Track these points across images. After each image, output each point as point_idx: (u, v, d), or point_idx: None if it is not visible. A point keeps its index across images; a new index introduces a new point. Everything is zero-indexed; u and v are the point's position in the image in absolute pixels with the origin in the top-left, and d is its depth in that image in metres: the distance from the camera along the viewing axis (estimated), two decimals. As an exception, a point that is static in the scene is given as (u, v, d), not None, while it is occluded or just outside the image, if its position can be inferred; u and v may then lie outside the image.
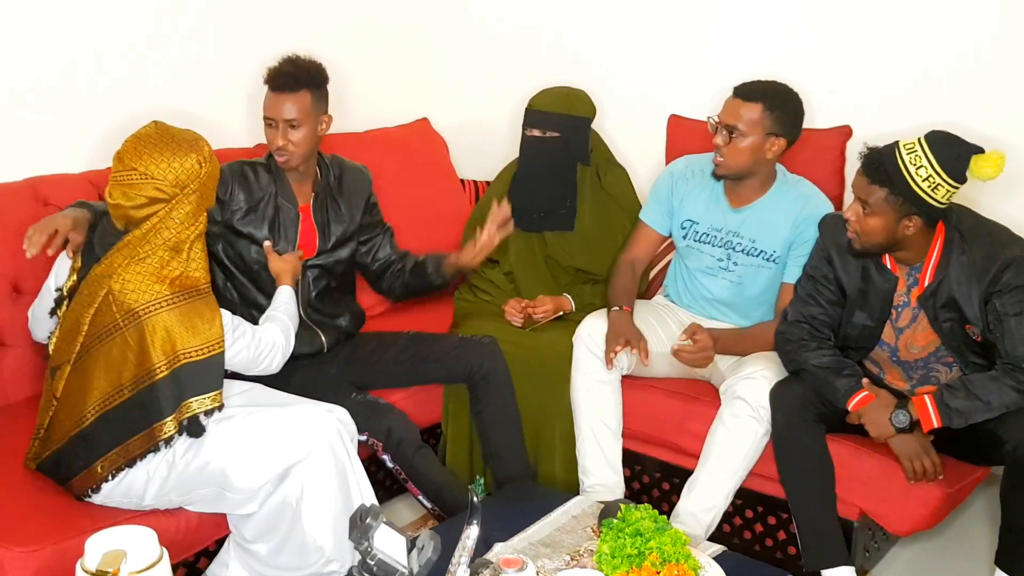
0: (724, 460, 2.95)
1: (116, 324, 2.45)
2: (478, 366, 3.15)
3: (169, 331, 2.44)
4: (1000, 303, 2.66)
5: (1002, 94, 3.29)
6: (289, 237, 3.05)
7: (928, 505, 2.78)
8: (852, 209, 2.74)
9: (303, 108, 2.95)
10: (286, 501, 2.56)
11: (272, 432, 2.56)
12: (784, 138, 3.06)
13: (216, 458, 2.52)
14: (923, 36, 3.41)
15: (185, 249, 2.51)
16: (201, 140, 2.55)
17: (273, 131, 2.96)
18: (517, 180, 3.53)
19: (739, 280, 3.21)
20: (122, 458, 2.49)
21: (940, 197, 2.63)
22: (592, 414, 3.12)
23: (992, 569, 2.78)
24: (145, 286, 2.44)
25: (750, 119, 3.02)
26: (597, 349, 3.10)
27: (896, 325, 2.84)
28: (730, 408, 2.95)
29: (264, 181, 3.03)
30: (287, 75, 2.94)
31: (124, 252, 2.48)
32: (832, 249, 2.88)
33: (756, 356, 3.06)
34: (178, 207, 2.48)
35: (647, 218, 3.38)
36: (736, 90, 3.08)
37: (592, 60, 4.03)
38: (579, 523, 2.60)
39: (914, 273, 2.79)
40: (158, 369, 2.44)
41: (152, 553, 1.97)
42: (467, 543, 2.15)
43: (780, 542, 3.02)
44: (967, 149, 2.64)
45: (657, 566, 2.19)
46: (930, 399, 2.69)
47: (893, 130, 2.89)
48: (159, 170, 2.44)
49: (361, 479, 2.66)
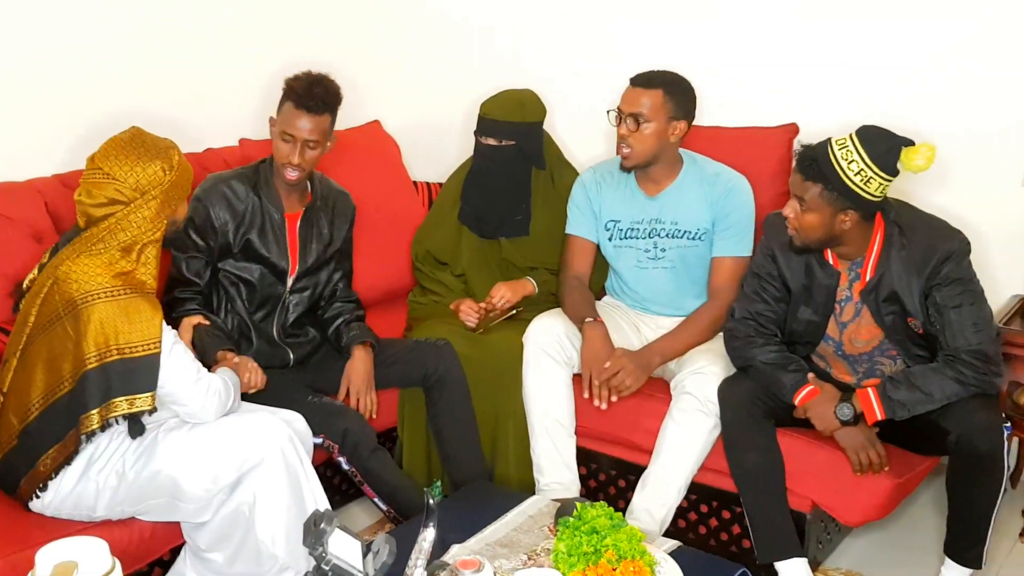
0: (675, 455, 2.97)
1: (58, 314, 2.43)
2: (433, 370, 3.15)
3: (104, 323, 2.40)
4: (940, 296, 2.71)
5: (939, 90, 3.36)
6: (280, 243, 3.04)
7: (878, 496, 2.82)
8: (790, 206, 2.78)
9: (324, 131, 2.96)
10: (239, 509, 2.55)
11: (223, 440, 2.54)
12: (684, 120, 3.16)
13: (167, 467, 2.50)
14: (866, 35, 3.46)
15: (136, 250, 2.49)
16: (172, 149, 2.54)
17: (290, 146, 2.94)
18: (472, 186, 3.53)
19: (672, 265, 3.24)
20: (61, 454, 2.47)
21: (873, 190, 2.67)
22: (545, 412, 3.14)
23: (941, 558, 2.84)
24: (88, 276, 2.42)
25: (652, 105, 3.11)
26: (548, 348, 3.12)
27: (840, 320, 2.89)
28: (679, 404, 2.98)
29: (242, 192, 3.01)
30: (318, 97, 2.92)
31: (76, 247, 2.48)
32: (775, 247, 2.91)
33: (703, 350, 3.10)
34: (137, 211, 2.47)
35: (575, 230, 3.38)
36: (634, 80, 3.17)
37: (543, 60, 4.04)
38: (535, 522, 2.61)
39: (855, 268, 2.84)
40: (88, 360, 2.40)
41: (104, 564, 1.95)
42: (423, 546, 2.15)
43: (734, 536, 3.05)
44: (897, 142, 2.68)
45: (613, 563, 2.21)
46: (873, 392, 2.74)
47: (836, 125, 2.94)
48: (122, 172, 2.45)
49: (315, 486, 2.64)
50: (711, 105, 3.69)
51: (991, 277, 3.08)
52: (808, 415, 2.81)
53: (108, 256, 2.46)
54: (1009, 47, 3.24)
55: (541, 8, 4.07)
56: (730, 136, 3.54)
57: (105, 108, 3.18)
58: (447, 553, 2.41)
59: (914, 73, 3.39)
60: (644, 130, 3.12)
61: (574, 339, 3.15)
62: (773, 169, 3.45)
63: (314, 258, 3.13)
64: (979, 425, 2.63)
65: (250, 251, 3.02)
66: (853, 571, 3.06)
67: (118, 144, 2.51)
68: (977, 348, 2.68)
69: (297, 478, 2.60)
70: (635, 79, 3.17)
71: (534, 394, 3.14)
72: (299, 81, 2.95)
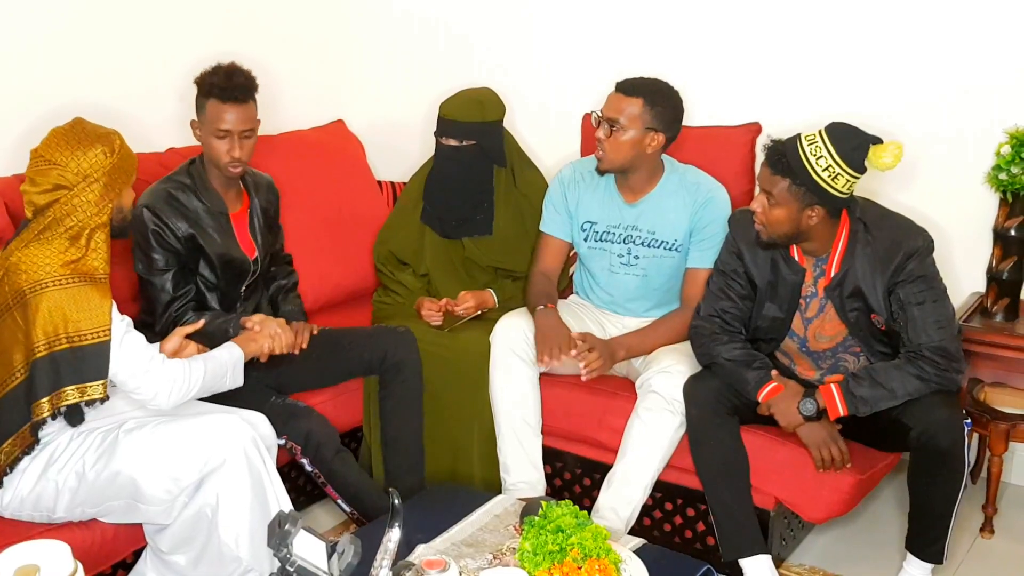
0: (640, 454, 2.98)
1: (7, 305, 2.43)
2: (392, 353, 3.15)
3: (52, 311, 2.39)
4: (904, 292, 2.74)
5: (903, 88, 3.39)
6: (232, 241, 3.03)
7: (841, 492, 2.84)
8: (758, 200, 2.80)
9: (253, 117, 2.96)
10: (201, 511, 2.53)
11: (185, 441, 2.52)
12: (663, 134, 3.10)
13: (127, 468, 2.48)
14: (829, 33, 3.48)
15: (84, 236, 2.48)
16: (113, 134, 2.54)
17: (227, 142, 2.92)
18: (434, 187, 3.52)
19: (644, 272, 3.24)
20: (16, 447, 2.45)
21: (840, 187, 2.69)
22: (512, 412, 3.13)
23: (903, 553, 2.86)
24: (36, 266, 2.41)
25: (631, 113, 3.06)
26: (515, 347, 3.11)
27: (804, 315, 2.91)
28: (645, 402, 2.99)
29: (184, 197, 2.99)
30: (239, 86, 2.91)
31: (24, 236, 2.48)
32: (741, 244, 2.93)
33: (669, 350, 3.10)
34: (80, 194, 2.47)
35: (549, 229, 3.37)
36: (618, 85, 3.13)
37: (506, 60, 4.05)
38: (501, 522, 2.61)
39: (820, 264, 2.86)
40: (37, 348, 2.39)
41: (66, 567, 1.94)
42: (389, 546, 2.14)
43: (699, 533, 3.07)
44: (865, 139, 2.70)
45: (578, 561, 2.21)
46: (836, 388, 2.76)
47: (801, 126, 2.95)
48: (63, 158, 2.46)
49: (278, 488, 2.63)
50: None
51: (952, 275, 3.12)
52: (771, 411, 2.82)
53: (57, 244, 2.45)
54: (971, 49, 3.28)
55: (506, 8, 4.07)
56: (693, 135, 3.54)
57: (53, 104, 3.11)
58: (412, 553, 2.40)
59: (877, 73, 3.42)
60: (619, 137, 3.08)
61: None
62: (736, 168, 3.47)
63: (264, 250, 3.14)
64: (940, 421, 2.66)
65: (209, 254, 3.00)
66: (817, 567, 3.08)
67: (59, 133, 2.52)
68: (939, 345, 2.70)
69: (260, 479, 2.58)
70: (620, 84, 3.13)
71: (500, 393, 3.14)
72: (216, 75, 2.93)
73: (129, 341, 2.50)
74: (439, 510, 2.65)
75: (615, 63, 3.83)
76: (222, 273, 3.04)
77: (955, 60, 3.31)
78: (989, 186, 3.19)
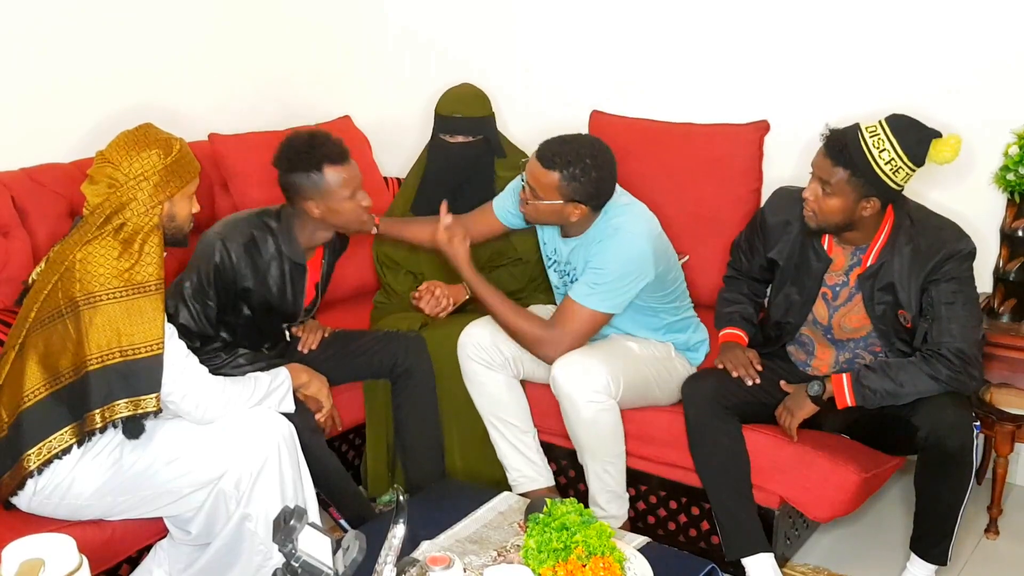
0: (591, 452, 2.99)
1: (59, 311, 2.42)
2: (403, 359, 3.15)
3: (105, 326, 2.39)
4: (936, 291, 2.72)
5: (910, 88, 3.38)
6: (298, 291, 2.99)
7: (846, 491, 2.84)
8: (811, 189, 2.76)
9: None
10: (230, 504, 2.55)
11: (221, 434, 2.54)
12: (585, 205, 2.87)
13: (163, 458, 2.50)
14: (837, 31, 3.48)
15: (137, 242, 2.47)
16: (174, 140, 2.54)
17: (359, 195, 2.91)
18: (437, 185, 3.45)
19: None
20: (54, 449, 2.44)
21: (900, 180, 2.68)
22: (493, 415, 3.15)
23: (908, 554, 2.86)
24: (91, 276, 2.41)
25: (547, 184, 2.84)
26: (475, 356, 3.10)
27: (833, 304, 2.90)
28: (565, 402, 2.94)
29: (262, 240, 2.90)
30: (341, 144, 2.91)
31: (75, 236, 2.48)
32: (793, 219, 2.90)
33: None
34: (129, 192, 2.46)
35: (496, 206, 3.22)
36: (538, 151, 2.88)
37: (513, 57, 4.06)
38: (505, 519, 2.61)
39: (858, 253, 2.84)
40: (90, 361, 2.39)
41: (71, 561, 1.93)
42: (393, 542, 2.14)
43: (703, 532, 3.06)
44: (928, 133, 2.69)
45: (583, 559, 2.21)
46: (847, 377, 2.76)
47: (809, 124, 2.95)
48: (119, 158, 2.47)
49: (307, 484, 2.65)
50: (682, 102, 3.71)
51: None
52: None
53: (110, 247, 2.44)
54: (979, 49, 3.27)
55: (516, 7, 4.07)
56: (701, 132, 3.55)
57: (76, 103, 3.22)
58: (417, 549, 2.41)
59: (884, 72, 3.41)
60: (539, 204, 2.89)
61: (502, 344, 3.09)
62: (743, 166, 3.47)
63: (320, 296, 3.16)
64: (949, 422, 2.65)
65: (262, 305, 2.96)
66: (821, 567, 3.08)
67: (124, 135, 2.54)
68: (958, 346, 2.68)
69: (294, 473, 2.60)
70: (539, 151, 2.88)
71: (477, 400, 3.16)
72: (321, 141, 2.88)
73: (181, 349, 2.52)
74: (444, 507, 2.65)
75: (622, 62, 3.84)
76: (261, 316, 2.98)
77: (963, 60, 3.30)
78: (997, 186, 3.18)
